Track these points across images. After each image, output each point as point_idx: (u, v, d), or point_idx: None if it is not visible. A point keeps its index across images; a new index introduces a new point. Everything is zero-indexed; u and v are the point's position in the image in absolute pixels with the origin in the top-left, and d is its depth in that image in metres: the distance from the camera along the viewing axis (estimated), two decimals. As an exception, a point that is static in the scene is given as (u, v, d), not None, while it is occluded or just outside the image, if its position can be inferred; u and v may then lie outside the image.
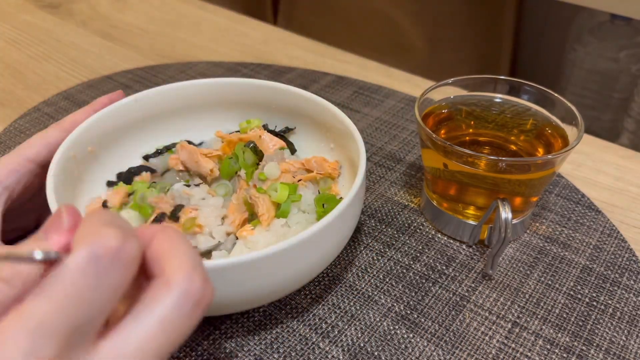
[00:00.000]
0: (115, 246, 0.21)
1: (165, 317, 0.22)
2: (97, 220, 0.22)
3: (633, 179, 0.53)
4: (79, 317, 0.20)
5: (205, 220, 0.39)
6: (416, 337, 0.39)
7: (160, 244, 0.23)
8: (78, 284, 0.20)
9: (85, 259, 0.21)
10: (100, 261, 0.21)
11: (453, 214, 0.45)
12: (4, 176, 0.39)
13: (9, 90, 0.67)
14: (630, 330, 0.39)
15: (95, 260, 0.21)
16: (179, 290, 0.22)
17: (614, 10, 0.80)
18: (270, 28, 0.83)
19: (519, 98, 0.47)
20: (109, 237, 0.21)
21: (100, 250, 0.21)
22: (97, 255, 0.21)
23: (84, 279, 0.20)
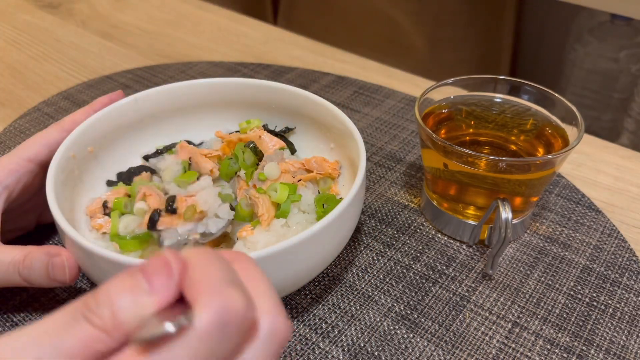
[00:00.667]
0: (242, 312, 0.21)
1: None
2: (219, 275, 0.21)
3: (633, 179, 0.53)
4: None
5: (205, 204, 0.39)
6: (416, 337, 0.39)
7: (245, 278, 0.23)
8: (202, 349, 0.20)
9: (214, 323, 0.20)
10: (227, 327, 0.20)
11: (453, 214, 0.45)
12: (3, 176, 0.39)
13: (9, 90, 0.67)
14: (631, 330, 0.39)
15: (222, 325, 0.20)
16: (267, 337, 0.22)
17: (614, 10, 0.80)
18: (270, 28, 0.83)
19: (519, 98, 0.47)
20: (236, 302, 0.21)
21: (229, 316, 0.20)
22: (225, 321, 0.20)
23: (208, 343, 0.20)
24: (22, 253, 0.36)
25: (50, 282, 0.36)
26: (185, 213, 0.38)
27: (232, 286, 0.21)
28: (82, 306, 0.21)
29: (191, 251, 0.22)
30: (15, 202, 0.40)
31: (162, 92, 0.47)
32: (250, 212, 0.41)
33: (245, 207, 0.41)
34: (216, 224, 0.38)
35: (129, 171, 0.45)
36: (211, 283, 0.21)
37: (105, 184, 0.45)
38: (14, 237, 0.43)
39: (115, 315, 0.20)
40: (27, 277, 0.36)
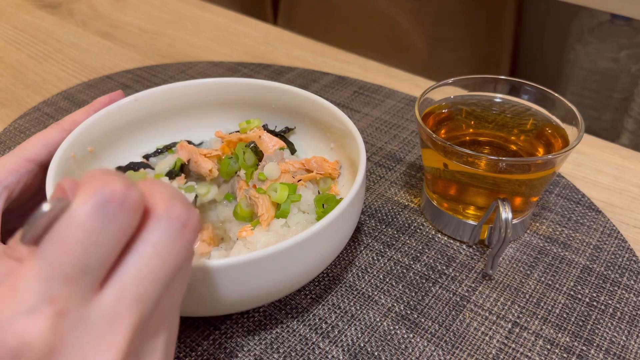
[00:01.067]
0: (121, 192, 0.21)
1: (156, 242, 0.23)
2: (100, 171, 0.22)
3: (633, 179, 0.53)
4: (89, 260, 0.21)
5: None
6: (416, 337, 0.39)
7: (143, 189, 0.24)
8: (87, 228, 0.21)
9: (94, 204, 0.21)
10: (108, 206, 0.21)
11: (453, 214, 0.45)
12: (3, 176, 0.39)
13: (9, 90, 0.67)
14: (631, 330, 0.39)
15: (103, 206, 0.21)
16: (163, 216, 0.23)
17: (614, 10, 0.80)
18: (270, 28, 0.83)
19: (519, 98, 0.47)
20: (114, 184, 0.22)
21: (108, 196, 0.21)
22: (105, 200, 0.21)
23: (92, 223, 0.21)
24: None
25: None
26: None
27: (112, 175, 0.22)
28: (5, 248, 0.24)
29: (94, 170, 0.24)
30: (15, 202, 0.40)
31: (162, 92, 0.47)
32: (250, 212, 0.41)
33: (245, 207, 0.41)
34: None
35: (128, 166, 0.45)
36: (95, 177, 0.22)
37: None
38: (14, 237, 0.43)
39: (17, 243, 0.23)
40: None
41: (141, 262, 0.22)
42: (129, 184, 0.22)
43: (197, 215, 0.24)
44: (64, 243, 0.20)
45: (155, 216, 0.23)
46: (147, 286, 0.22)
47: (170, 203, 0.23)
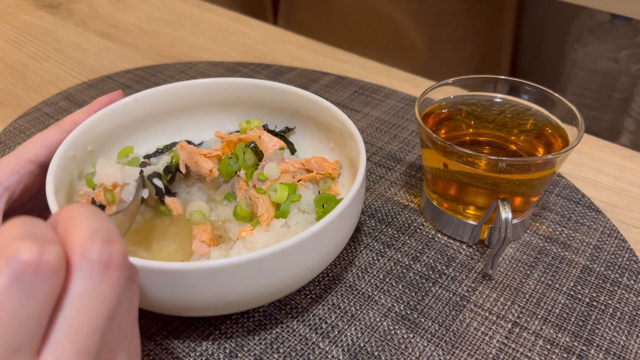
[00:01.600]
0: (33, 259, 0.20)
1: (80, 294, 0.21)
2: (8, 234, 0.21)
3: (633, 179, 0.53)
4: (18, 339, 0.20)
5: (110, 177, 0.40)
6: (416, 337, 0.39)
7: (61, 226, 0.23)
8: (8, 309, 0.20)
9: (8, 281, 0.20)
10: (23, 279, 0.20)
11: (453, 214, 0.45)
12: (4, 177, 0.39)
13: (9, 90, 0.67)
14: (631, 330, 0.39)
15: (18, 280, 0.20)
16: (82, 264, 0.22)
17: (614, 10, 0.80)
18: (270, 28, 0.83)
19: (519, 98, 0.47)
20: (24, 252, 0.20)
21: (21, 268, 0.20)
22: (18, 274, 0.20)
23: (11, 302, 0.20)
24: None
25: None
26: (106, 199, 0.39)
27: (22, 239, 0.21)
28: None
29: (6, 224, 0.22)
30: (16, 203, 0.40)
31: (162, 92, 0.47)
32: (250, 212, 0.41)
33: (245, 207, 0.41)
34: (128, 191, 0.40)
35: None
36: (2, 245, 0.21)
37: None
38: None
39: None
40: None
41: (71, 318, 0.21)
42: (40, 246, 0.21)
43: (119, 250, 0.23)
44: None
45: (75, 266, 0.22)
46: (83, 339, 0.21)
47: (87, 245, 0.22)
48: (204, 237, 0.40)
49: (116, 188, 0.39)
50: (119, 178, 0.40)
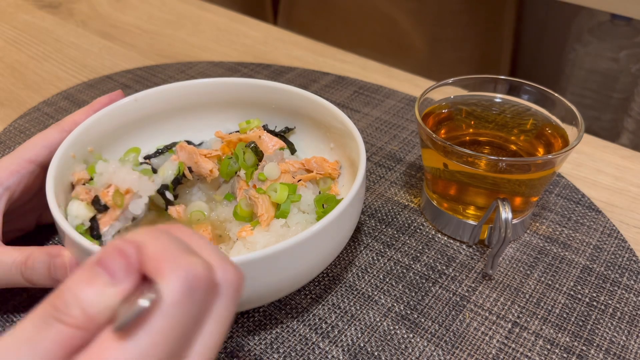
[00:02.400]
0: (205, 275, 0.22)
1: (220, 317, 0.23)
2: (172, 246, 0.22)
3: (633, 179, 0.53)
4: (175, 347, 0.21)
5: (124, 183, 0.39)
6: (416, 337, 0.39)
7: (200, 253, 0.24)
8: (177, 316, 0.21)
9: (183, 291, 0.21)
10: (195, 292, 0.21)
11: (453, 214, 0.45)
12: (4, 177, 0.39)
13: (9, 90, 0.67)
14: (631, 330, 0.39)
15: (191, 291, 0.21)
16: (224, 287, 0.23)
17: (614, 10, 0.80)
18: (270, 28, 0.83)
19: (519, 98, 0.47)
20: (198, 266, 0.22)
21: (195, 282, 0.21)
22: (192, 287, 0.21)
23: (181, 310, 0.21)
24: (23, 254, 0.36)
25: (52, 283, 0.36)
26: (114, 201, 0.38)
27: (188, 253, 0.22)
28: (50, 309, 0.21)
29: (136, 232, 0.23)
30: (16, 203, 0.40)
31: (162, 92, 0.47)
32: (250, 212, 0.41)
33: (245, 207, 0.41)
34: (138, 205, 0.39)
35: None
36: (169, 254, 0.22)
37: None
38: (14, 238, 0.43)
39: (85, 311, 0.21)
40: (29, 277, 0.36)
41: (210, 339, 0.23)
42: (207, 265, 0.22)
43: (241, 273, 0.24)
44: (154, 332, 0.20)
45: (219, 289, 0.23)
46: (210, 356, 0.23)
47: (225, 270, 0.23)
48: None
49: (128, 194, 0.39)
50: (136, 187, 0.39)
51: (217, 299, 0.23)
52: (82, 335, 0.21)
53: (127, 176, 0.39)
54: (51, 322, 0.21)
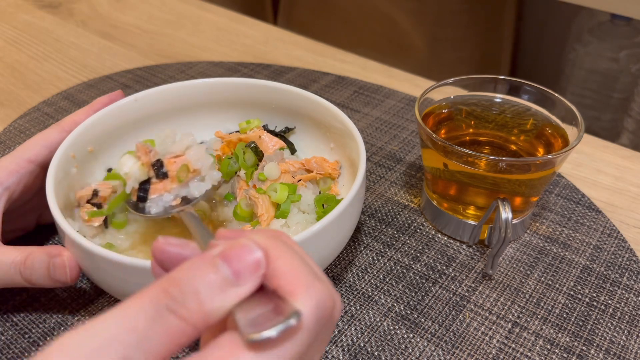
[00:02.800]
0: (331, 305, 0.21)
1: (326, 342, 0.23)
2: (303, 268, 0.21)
3: (633, 179, 0.53)
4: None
5: (197, 162, 0.38)
6: (416, 337, 0.39)
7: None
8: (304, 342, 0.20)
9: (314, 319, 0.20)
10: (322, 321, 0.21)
11: (453, 214, 0.45)
12: (4, 177, 0.39)
13: (9, 90, 0.67)
14: (631, 330, 0.39)
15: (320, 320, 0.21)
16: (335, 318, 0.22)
17: (614, 10, 0.80)
18: (270, 28, 0.83)
19: (519, 98, 0.47)
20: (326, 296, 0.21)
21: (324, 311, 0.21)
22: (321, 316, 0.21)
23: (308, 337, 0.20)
24: (23, 254, 0.36)
25: (51, 283, 0.36)
26: (178, 174, 0.36)
27: (318, 280, 0.21)
28: (164, 297, 0.19)
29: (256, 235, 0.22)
30: (15, 202, 0.40)
31: (162, 92, 0.47)
32: (250, 212, 0.41)
33: (245, 207, 0.41)
34: (199, 187, 0.38)
35: None
36: (302, 276, 0.21)
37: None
38: (14, 238, 0.43)
39: (202, 307, 0.19)
40: (28, 277, 0.36)
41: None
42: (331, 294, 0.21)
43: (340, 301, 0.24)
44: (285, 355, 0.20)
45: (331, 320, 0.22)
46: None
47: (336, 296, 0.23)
48: None
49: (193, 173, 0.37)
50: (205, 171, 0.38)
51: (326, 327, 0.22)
52: (190, 333, 0.19)
53: (202, 156, 0.38)
54: (164, 314, 0.19)
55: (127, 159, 0.38)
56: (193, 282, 0.20)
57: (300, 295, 0.20)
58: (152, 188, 0.37)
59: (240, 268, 0.20)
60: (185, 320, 0.19)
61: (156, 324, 0.19)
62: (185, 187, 0.38)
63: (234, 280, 0.20)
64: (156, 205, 0.37)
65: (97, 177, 0.44)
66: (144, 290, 0.20)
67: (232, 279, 0.20)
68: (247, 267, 0.20)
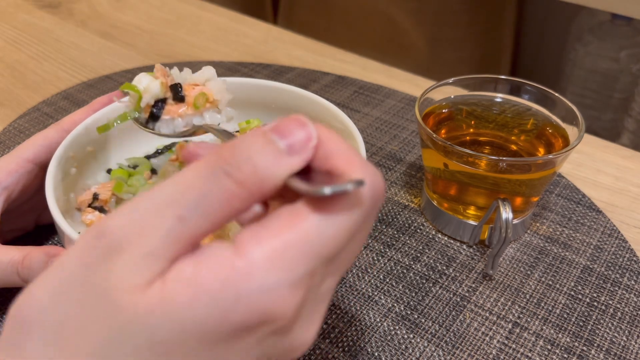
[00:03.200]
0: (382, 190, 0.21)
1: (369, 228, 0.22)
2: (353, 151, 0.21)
3: (633, 179, 0.53)
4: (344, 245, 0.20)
5: (218, 94, 0.37)
6: (416, 338, 0.39)
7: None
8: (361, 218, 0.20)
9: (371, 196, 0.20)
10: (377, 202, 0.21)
11: (453, 214, 0.45)
12: (3, 177, 0.39)
13: (8, 90, 0.67)
14: (631, 330, 0.39)
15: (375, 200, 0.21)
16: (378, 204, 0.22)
17: (615, 10, 0.80)
18: (270, 28, 0.83)
19: (519, 98, 0.47)
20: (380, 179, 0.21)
21: (379, 191, 0.21)
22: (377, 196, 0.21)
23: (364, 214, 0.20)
24: (21, 253, 0.36)
25: None
26: (196, 100, 0.35)
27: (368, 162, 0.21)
28: (220, 160, 0.20)
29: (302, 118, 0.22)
30: (14, 202, 0.40)
31: (162, 92, 0.47)
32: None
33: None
34: (214, 118, 0.37)
35: None
36: (355, 157, 0.21)
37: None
38: (13, 238, 0.43)
39: (256, 172, 0.20)
40: (26, 277, 0.36)
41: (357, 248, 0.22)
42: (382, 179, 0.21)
43: None
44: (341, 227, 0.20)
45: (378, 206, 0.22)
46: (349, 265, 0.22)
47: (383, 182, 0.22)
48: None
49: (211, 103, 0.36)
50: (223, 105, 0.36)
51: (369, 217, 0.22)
52: (245, 198, 0.20)
53: (222, 90, 0.36)
54: (220, 175, 0.19)
55: (144, 77, 0.37)
56: (247, 150, 0.20)
57: (358, 172, 0.20)
58: (166, 109, 0.36)
59: (293, 140, 0.20)
60: (240, 184, 0.19)
61: (212, 185, 0.19)
62: (199, 116, 0.36)
63: (286, 150, 0.20)
64: (167, 127, 0.36)
65: (97, 177, 0.44)
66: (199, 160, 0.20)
67: (284, 149, 0.20)
68: (299, 139, 0.21)
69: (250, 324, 0.19)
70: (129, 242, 0.19)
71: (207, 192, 0.19)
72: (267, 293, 0.19)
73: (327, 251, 0.20)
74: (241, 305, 0.19)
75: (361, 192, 0.20)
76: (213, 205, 0.19)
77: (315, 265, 0.20)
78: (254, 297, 0.19)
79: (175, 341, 0.19)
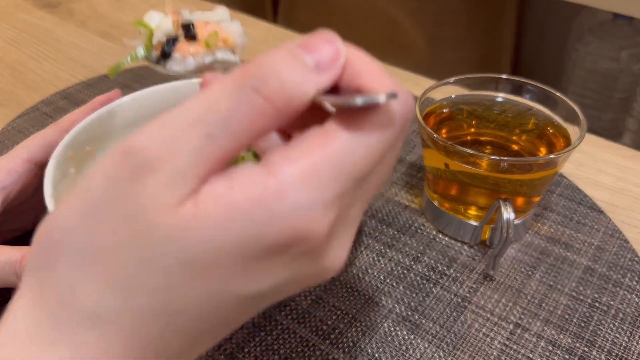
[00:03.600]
0: (413, 107, 0.20)
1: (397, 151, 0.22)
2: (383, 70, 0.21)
3: (635, 179, 0.53)
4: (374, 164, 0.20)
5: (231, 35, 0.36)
6: (417, 339, 0.38)
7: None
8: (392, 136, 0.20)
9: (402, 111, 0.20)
10: (404, 120, 0.20)
11: (454, 215, 0.45)
12: (2, 177, 0.39)
13: (8, 90, 0.67)
14: (633, 331, 0.39)
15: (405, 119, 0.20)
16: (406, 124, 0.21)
17: (616, 10, 0.80)
18: (270, 27, 0.83)
19: (520, 97, 0.47)
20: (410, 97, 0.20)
21: (410, 111, 0.20)
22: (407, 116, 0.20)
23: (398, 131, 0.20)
24: (19, 253, 0.36)
25: None
26: (208, 39, 0.35)
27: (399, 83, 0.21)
28: (247, 76, 0.19)
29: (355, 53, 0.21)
30: (13, 202, 0.40)
31: (162, 92, 0.47)
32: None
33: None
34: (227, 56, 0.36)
35: None
36: (385, 75, 0.20)
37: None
38: (12, 238, 0.43)
39: (284, 87, 0.19)
40: None
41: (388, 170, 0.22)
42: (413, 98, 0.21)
43: None
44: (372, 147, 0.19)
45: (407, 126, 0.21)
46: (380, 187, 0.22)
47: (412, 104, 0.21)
48: None
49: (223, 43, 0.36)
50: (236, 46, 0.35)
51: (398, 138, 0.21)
52: (273, 115, 0.19)
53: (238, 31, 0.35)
54: (248, 92, 0.19)
55: (156, 14, 0.36)
56: (274, 66, 0.19)
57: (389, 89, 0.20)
58: (177, 46, 0.35)
59: (320, 56, 0.20)
60: (268, 100, 0.19)
61: (240, 102, 0.19)
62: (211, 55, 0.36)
63: (313, 66, 0.20)
64: (178, 66, 0.35)
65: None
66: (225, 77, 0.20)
67: (312, 65, 0.20)
68: (327, 55, 0.20)
69: (283, 243, 0.19)
70: (159, 159, 0.18)
71: (235, 108, 0.19)
72: (301, 212, 0.18)
73: (359, 170, 0.19)
74: (274, 224, 0.18)
75: (392, 109, 0.19)
76: (241, 123, 0.19)
77: (346, 186, 0.19)
78: (287, 216, 0.18)
79: (208, 260, 0.18)
